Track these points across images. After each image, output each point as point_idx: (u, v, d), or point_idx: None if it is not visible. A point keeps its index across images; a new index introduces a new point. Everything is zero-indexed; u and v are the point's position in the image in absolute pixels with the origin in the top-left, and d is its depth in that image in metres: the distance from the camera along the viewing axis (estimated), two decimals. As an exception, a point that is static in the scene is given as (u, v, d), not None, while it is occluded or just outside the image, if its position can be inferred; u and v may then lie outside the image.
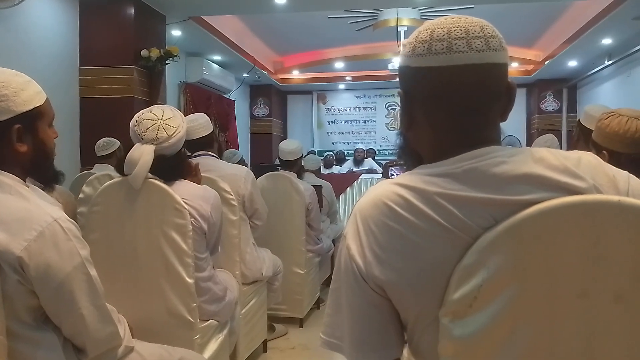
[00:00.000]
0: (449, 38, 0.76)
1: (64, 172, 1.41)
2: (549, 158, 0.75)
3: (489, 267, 0.69)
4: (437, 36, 0.77)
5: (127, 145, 1.80)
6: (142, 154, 1.72)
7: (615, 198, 0.70)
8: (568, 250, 0.69)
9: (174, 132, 1.77)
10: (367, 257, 0.76)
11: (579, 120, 2.33)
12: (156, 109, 1.82)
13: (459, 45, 0.75)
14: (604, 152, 1.57)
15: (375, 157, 8.78)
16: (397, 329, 0.80)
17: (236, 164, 3.25)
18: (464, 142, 0.77)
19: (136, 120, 1.78)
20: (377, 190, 0.78)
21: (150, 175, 1.76)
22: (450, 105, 0.78)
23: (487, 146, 0.77)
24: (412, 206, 0.73)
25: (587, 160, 0.77)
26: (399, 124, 0.87)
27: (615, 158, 1.52)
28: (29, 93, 1.17)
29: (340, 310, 0.81)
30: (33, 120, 1.18)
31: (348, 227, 0.80)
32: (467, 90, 0.77)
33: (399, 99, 0.85)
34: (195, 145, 2.47)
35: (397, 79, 0.85)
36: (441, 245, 0.72)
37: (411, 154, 0.87)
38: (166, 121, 1.77)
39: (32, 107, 1.17)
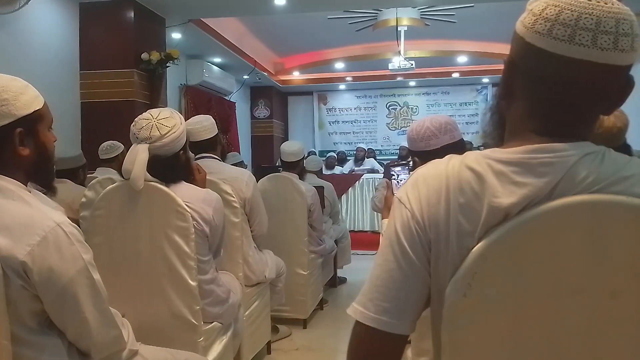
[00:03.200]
0: (576, 25, 0.68)
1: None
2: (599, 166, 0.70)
3: (487, 258, 0.69)
4: (563, 19, 0.69)
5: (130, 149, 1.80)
6: (137, 154, 1.72)
7: (619, 197, 0.69)
8: (569, 247, 0.69)
9: (168, 132, 1.75)
10: (416, 203, 0.76)
11: None
12: (154, 110, 1.82)
13: (583, 37, 0.68)
14: None
15: (377, 158, 8.79)
16: (415, 307, 0.78)
17: (235, 165, 3.25)
18: (543, 131, 0.74)
19: (135, 121, 1.79)
20: (440, 161, 0.78)
21: (149, 177, 1.76)
22: (550, 93, 0.73)
23: (563, 142, 0.72)
24: (462, 183, 0.73)
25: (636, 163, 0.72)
26: (497, 89, 0.83)
27: None
28: (28, 97, 1.17)
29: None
30: (34, 124, 1.18)
31: (405, 186, 0.79)
32: (574, 88, 0.71)
33: (503, 65, 0.79)
34: (198, 147, 2.47)
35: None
36: (457, 226, 0.72)
37: (497, 122, 0.84)
38: (160, 120, 1.77)
39: (32, 111, 1.17)
